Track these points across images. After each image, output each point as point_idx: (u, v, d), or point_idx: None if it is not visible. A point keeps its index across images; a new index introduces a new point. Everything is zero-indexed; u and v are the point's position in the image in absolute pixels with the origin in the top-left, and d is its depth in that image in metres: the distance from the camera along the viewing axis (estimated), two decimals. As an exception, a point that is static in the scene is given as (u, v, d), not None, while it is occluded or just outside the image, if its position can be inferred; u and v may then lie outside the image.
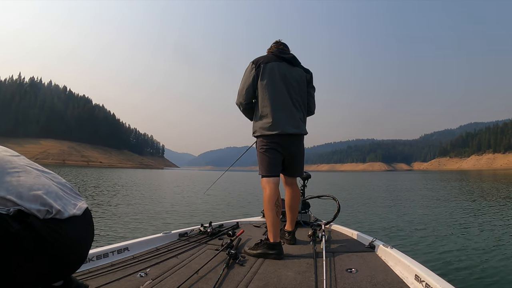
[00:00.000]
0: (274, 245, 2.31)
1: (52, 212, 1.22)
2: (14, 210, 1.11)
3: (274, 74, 2.54)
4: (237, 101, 2.64)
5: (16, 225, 1.09)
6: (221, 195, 16.12)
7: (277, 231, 2.37)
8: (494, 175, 55.65)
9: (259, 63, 2.55)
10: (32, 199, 1.20)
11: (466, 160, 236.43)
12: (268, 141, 2.53)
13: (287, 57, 2.64)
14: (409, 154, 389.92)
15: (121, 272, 1.94)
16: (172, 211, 10.05)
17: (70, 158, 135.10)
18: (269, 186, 2.47)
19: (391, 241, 5.88)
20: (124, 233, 6.51)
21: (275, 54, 2.64)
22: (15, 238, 1.08)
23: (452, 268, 4.41)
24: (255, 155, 2.65)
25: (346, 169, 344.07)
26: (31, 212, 1.16)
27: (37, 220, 1.16)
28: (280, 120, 2.50)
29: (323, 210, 6.95)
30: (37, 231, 1.14)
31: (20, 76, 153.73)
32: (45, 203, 1.22)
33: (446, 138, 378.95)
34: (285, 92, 2.54)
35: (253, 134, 2.65)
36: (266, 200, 2.44)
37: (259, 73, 2.53)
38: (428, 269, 1.76)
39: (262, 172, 2.53)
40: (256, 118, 2.60)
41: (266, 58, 2.60)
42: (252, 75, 2.55)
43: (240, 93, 2.61)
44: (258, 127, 2.57)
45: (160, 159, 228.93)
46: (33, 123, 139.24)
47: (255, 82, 2.54)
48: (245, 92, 2.58)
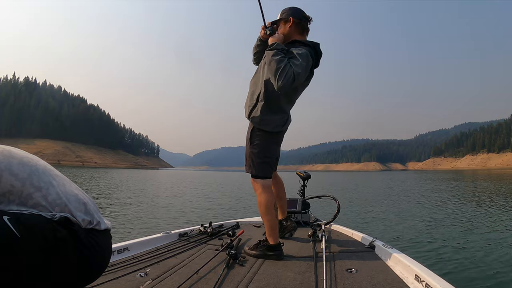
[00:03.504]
0: (274, 247, 2.27)
1: (93, 223, 1.29)
2: (61, 217, 1.16)
3: (307, 84, 2.43)
4: (295, 82, 2.16)
5: (63, 230, 1.15)
6: (221, 195, 16.10)
7: (277, 233, 2.33)
8: (489, 174, 56.02)
9: (313, 69, 2.35)
10: (78, 207, 1.27)
11: (461, 160, 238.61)
12: (276, 139, 2.42)
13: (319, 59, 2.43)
14: (404, 154, 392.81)
15: (121, 272, 1.94)
16: (172, 211, 10.05)
17: (65, 159, 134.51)
18: (267, 190, 2.36)
19: (391, 241, 5.90)
20: (124, 233, 6.53)
21: (318, 57, 2.39)
22: (62, 242, 1.14)
23: (452, 268, 4.43)
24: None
25: (341, 169, 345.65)
26: (77, 220, 1.22)
27: (80, 229, 1.22)
28: (288, 117, 2.45)
29: (323, 210, 6.95)
30: (80, 239, 1.20)
31: (15, 76, 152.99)
32: (88, 213, 1.29)
33: (440, 138, 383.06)
34: (296, 98, 2.47)
35: (265, 127, 2.35)
36: (264, 204, 2.32)
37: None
38: (428, 269, 1.75)
39: (259, 172, 2.37)
40: (273, 112, 2.33)
41: (314, 61, 2.34)
42: (310, 68, 2.27)
43: (302, 75, 2.18)
44: (275, 122, 2.35)
45: (155, 159, 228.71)
46: (27, 123, 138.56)
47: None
48: (302, 79, 2.24)
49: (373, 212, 10.30)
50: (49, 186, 1.22)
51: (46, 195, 1.19)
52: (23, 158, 1.24)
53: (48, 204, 1.18)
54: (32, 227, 1.09)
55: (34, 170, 1.23)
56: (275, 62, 2.13)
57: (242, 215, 8.63)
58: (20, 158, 1.23)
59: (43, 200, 1.18)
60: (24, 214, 1.11)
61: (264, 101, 2.30)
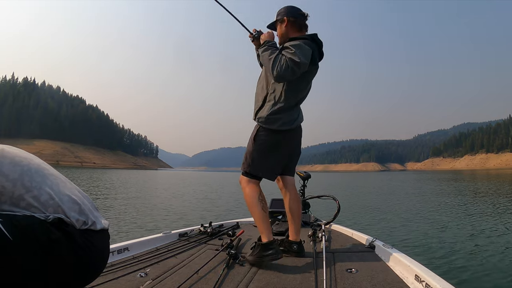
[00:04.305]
0: (268, 245, 2.12)
1: (88, 223, 1.27)
2: (54, 218, 1.15)
3: (312, 76, 2.34)
4: (297, 71, 2.09)
5: (57, 232, 1.13)
6: (221, 195, 16.10)
7: (269, 228, 2.20)
8: (488, 175, 56.08)
9: (316, 58, 2.24)
10: (72, 207, 1.24)
11: (460, 160, 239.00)
12: (285, 138, 2.30)
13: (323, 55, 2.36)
14: (403, 154, 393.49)
15: (121, 272, 1.93)
16: (172, 212, 10.04)
17: (64, 159, 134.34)
18: (251, 184, 2.26)
19: (391, 241, 5.88)
20: (124, 233, 6.52)
21: (319, 47, 2.30)
22: (56, 244, 1.13)
23: (452, 268, 4.42)
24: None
25: (340, 170, 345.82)
26: (71, 221, 1.20)
27: (75, 230, 1.20)
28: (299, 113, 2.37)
29: (323, 210, 6.94)
30: (75, 240, 1.18)
31: (14, 76, 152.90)
32: (82, 213, 1.27)
33: (439, 138, 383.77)
34: (304, 94, 2.36)
35: (272, 126, 2.24)
36: (248, 199, 2.23)
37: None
38: (428, 269, 1.75)
39: (252, 170, 2.27)
40: (280, 110, 2.23)
41: (315, 51, 2.24)
42: (310, 56, 2.16)
43: (299, 63, 2.05)
44: (282, 120, 2.24)
45: (154, 160, 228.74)
46: (26, 123, 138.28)
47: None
48: (302, 71, 2.13)
49: (373, 212, 10.31)
50: (41, 186, 1.20)
51: (38, 196, 1.17)
52: (15, 158, 1.21)
53: (40, 205, 1.16)
54: (25, 229, 1.07)
55: (26, 170, 1.20)
56: (266, 56, 2.13)
57: (242, 215, 8.63)
58: (12, 157, 1.20)
59: (35, 201, 1.16)
60: (17, 216, 1.09)
61: (272, 101, 2.25)
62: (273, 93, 2.25)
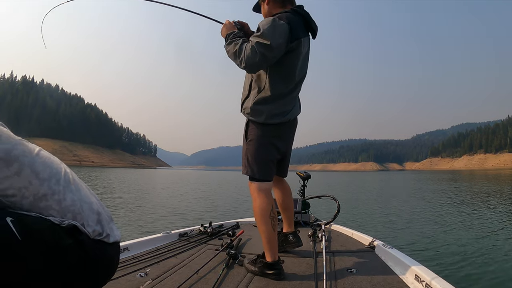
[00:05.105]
0: (272, 265, 1.93)
1: (103, 235, 1.26)
2: (69, 224, 1.14)
3: (300, 53, 2.00)
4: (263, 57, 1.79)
5: (68, 239, 1.12)
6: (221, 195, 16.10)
7: (275, 248, 1.98)
8: (486, 175, 56.18)
9: (297, 32, 1.91)
10: (91, 216, 1.24)
11: (458, 160, 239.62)
12: (276, 133, 2.04)
13: (315, 28, 2.06)
14: (401, 154, 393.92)
15: (121, 272, 1.93)
16: (172, 211, 10.02)
17: (62, 158, 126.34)
18: (263, 194, 2.01)
19: (391, 241, 5.87)
20: (124, 233, 6.47)
21: (304, 18, 2.01)
22: (65, 250, 1.11)
23: (452, 268, 4.42)
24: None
25: (339, 169, 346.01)
26: (86, 230, 1.19)
27: (88, 239, 1.19)
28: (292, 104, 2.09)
29: (323, 210, 6.94)
30: (86, 250, 1.17)
31: (12, 74, 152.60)
32: (99, 224, 1.27)
33: (437, 138, 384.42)
34: (298, 78, 2.06)
35: (258, 118, 2.00)
36: (259, 212, 1.99)
37: (292, 45, 1.91)
38: (428, 269, 1.75)
39: (256, 174, 2.02)
40: (267, 100, 1.97)
41: (298, 24, 1.94)
42: (287, 39, 1.86)
43: (269, 46, 1.78)
44: (269, 111, 1.97)
45: (153, 159, 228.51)
46: (25, 122, 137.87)
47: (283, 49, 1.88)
48: (277, 53, 1.84)
49: (373, 212, 10.31)
50: (66, 191, 1.21)
51: (60, 200, 1.18)
52: (47, 160, 1.24)
53: (60, 209, 1.17)
54: (35, 231, 1.07)
55: (55, 173, 1.22)
56: (231, 50, 1.89)
57: (242, 215, 8.63)
58: (45, 159, 1.23)
59: (56, 204, 1.17)
60: (30, 217, 1.09)
61: (256, 89, 1.99)
62: (258, 79, 1.99)
